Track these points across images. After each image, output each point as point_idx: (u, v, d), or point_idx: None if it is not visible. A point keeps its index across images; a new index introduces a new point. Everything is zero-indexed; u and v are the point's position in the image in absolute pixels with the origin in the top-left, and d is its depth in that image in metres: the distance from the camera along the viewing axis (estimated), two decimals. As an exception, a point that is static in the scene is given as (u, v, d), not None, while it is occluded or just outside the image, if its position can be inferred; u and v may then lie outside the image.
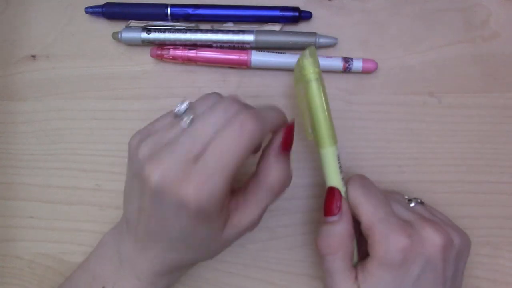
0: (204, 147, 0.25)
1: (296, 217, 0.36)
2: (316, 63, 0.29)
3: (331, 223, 0.29)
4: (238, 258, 0.36)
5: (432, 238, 0.28)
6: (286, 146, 0.29)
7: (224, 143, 0.25)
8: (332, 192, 0.30)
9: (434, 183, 0.36)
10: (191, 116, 0.27)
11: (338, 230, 0.29)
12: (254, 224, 0.29)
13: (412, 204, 0.32)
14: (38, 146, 0.37)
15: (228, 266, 0.36)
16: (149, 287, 0.29)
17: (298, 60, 0.30)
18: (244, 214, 0.29)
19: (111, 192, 0.37)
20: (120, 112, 0.37)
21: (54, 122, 0.37)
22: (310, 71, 0.29)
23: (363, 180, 0.31)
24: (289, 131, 0.29)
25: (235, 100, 0.27)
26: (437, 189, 0.36)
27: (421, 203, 0.32)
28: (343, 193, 0.30)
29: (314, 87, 0.29)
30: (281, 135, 0.29)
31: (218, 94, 0.29)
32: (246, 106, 0.27)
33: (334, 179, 0.30)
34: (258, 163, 0.30)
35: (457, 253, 0.29)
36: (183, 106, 0.27)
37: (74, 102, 0.37)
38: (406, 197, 0.33)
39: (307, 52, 0.29)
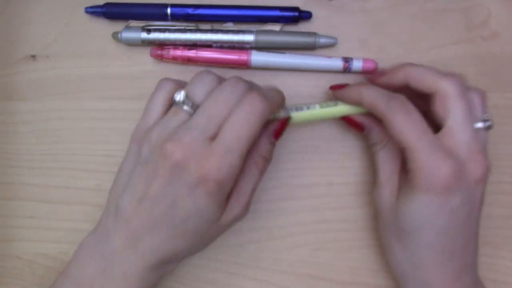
0: (219, 126, 0.27)
1: (295, 217, 0.36)
2: None
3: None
4: (238, 258, 0.36)
5: (475, 173, 0.28)
6: (278, 134, 0.32)
7: (238, 122, 0.27)
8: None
9: (434, 183, 0.36)
10: (190, 103, 0.29)
11: None
12: (246, 207, 0.31)
13: (479, 124, 0.30)
14: (38, 146, 0.37)
15: (228, 266, 0.36)
16: (138, 283, 0.28)
17: None
18: (238, 195, 0.30)
19: (111, 192, 0.36)
20: (120, 112, 0.37)
21: (54, 122, 0.37)
22: None
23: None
24: (284, 122, 0.32)
25: (240, 79, 0.29)
26: (437, 189, 0.36)
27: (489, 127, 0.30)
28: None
29: None
30: (277, 123, 0.32)
31: (211, 73, 0.30)
32: (252, 86, 0.29)
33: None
34: None
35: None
36: (182, 95, 0.29)
37: (74, 102, 0.37)
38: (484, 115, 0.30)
39: None
